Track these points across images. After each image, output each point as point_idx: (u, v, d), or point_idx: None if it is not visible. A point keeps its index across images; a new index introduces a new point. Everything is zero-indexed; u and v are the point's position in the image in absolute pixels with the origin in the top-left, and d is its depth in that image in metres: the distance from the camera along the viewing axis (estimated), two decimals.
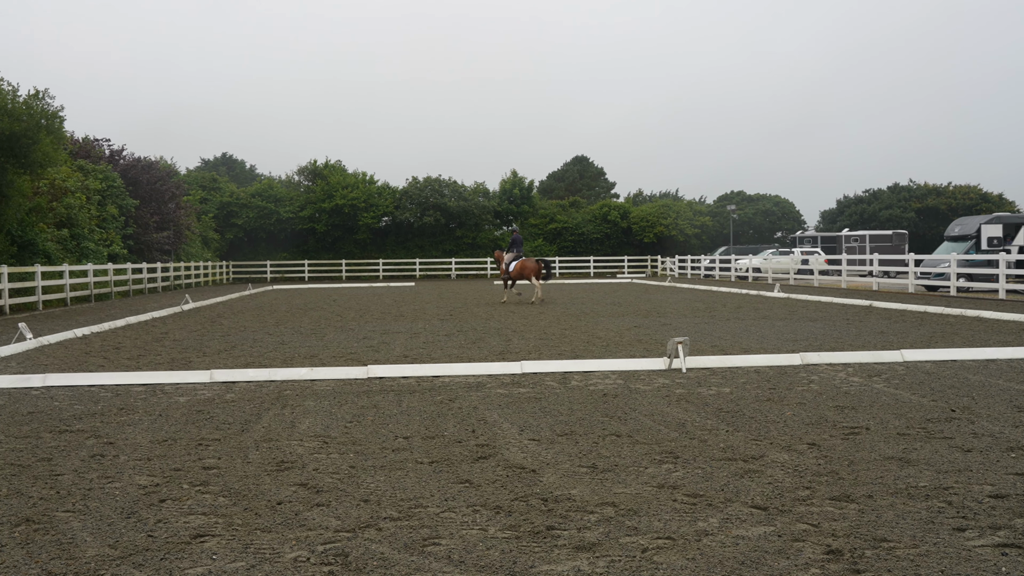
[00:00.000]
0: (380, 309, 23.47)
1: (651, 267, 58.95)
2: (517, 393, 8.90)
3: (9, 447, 6.71)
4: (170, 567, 4.08)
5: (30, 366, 11.66)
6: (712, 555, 4.13)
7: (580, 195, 74.54)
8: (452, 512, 4.88)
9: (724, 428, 7.05)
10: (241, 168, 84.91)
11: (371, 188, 59.45)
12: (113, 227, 36.55)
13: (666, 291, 32.29)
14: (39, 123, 24.29)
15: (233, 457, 6.28)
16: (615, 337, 14.53)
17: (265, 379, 10.05)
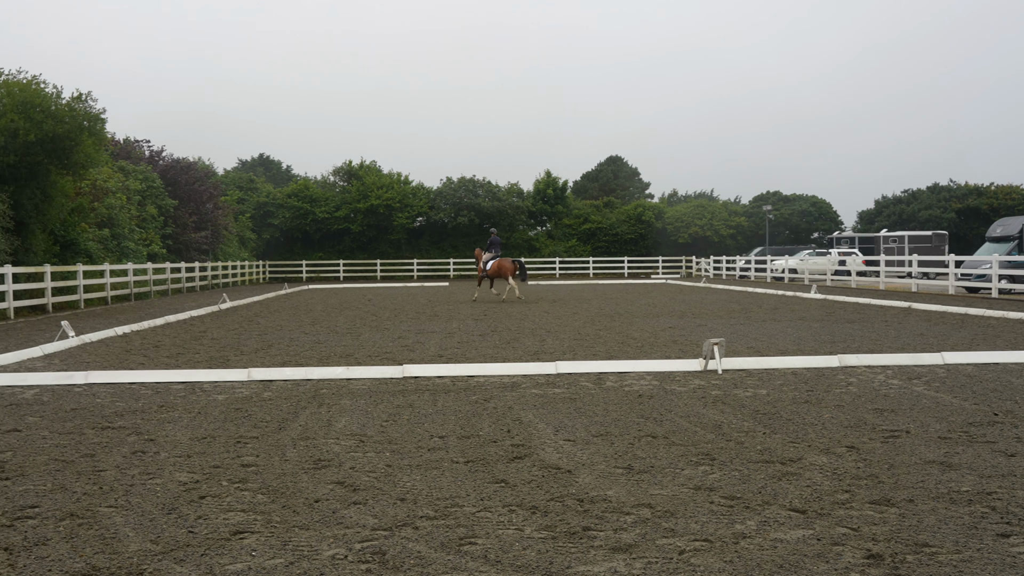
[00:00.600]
0: (415, 309, 23.58)
1: (686, 268, 58.62)
2: (552, 393, 8.90)
3: (53, 443, 6.84)
4: (210, 563, 4.13)
5: (73, 363, 11.87)
6: (750, 558, 4.10)
7: (614, 195, 74.29)
8: (488, 512, 4.89)
9: (761, 430, 7.00)
10: (278, 169, 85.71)
11: (406, 188, 59.74)
12: (152, 227, 37.08)
13: (701, 292, 32.09)
14: (81, 125, 24.69)
15: (271, 455, 6.35)
16: (650, 338, 14.47)
17: (302, 378, 10.14)
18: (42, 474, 5.85)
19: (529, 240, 61.35)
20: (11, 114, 23.08)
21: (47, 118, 23.55)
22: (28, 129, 23.13)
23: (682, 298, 27.69)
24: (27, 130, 23.12)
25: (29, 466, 6.08)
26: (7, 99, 23.42)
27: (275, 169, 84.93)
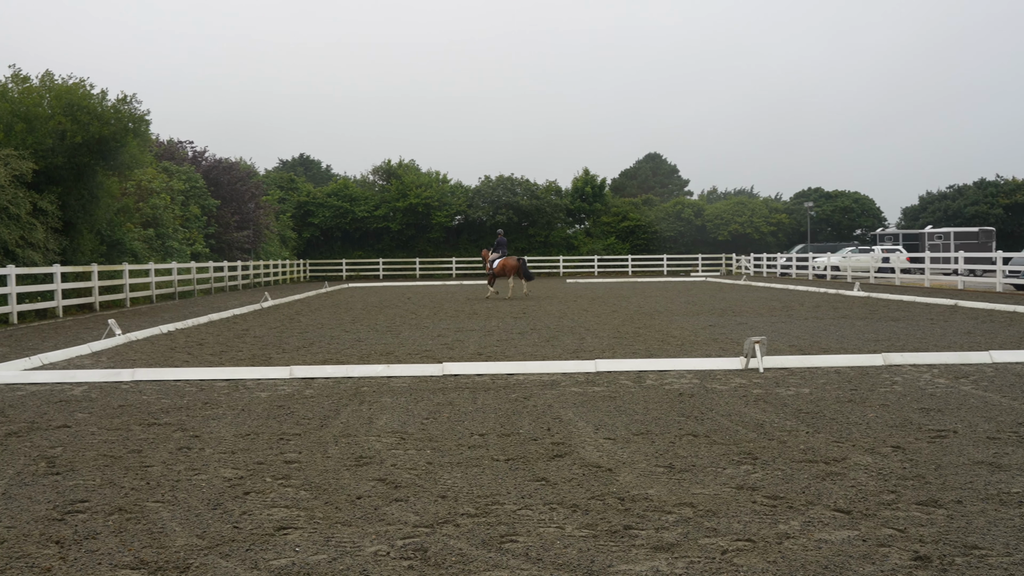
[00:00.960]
0: (454, 307, 23.66)
1: (726, 265, 58.13)
2: (592, 392, 8.88)
3: (102, 439, 6.97)
4: (255, 558, 4.18)
5: (120, 361, 12.09)
6: (794, 558, 4.06)
7: (653, 193, 73.89)
8: (529, 510, 4.89)
9: (804, 429, 6.92)
10: (317, 168, 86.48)
11: (444, 187, 59.97)
12: (196, 226, 37.63)
13: (741, 289, 31.80)
14: (127, 126, 25.13)
15: (313, 452, 6.41)
16: (690, 336, 14.38)
17: (343, 375, 10.23)
18: (91, 469, 5.97)
19: (567, 238, 61.24)
20: (59, 116, 23.55)
21: (93, 120, 24.00)
22: (75, 131, 23.59)
23: (722, 296, 27.46)
24: (74, 132, 23.58)
25: (79, 461, 6.20)
26: (55, 102, 23.90)
27: (315, 169, 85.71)
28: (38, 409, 8.36)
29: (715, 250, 60.80)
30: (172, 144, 42.78)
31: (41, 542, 4.45)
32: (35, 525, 4.73)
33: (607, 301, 25.48)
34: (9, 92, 24.10)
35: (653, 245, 61.12)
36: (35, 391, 9.49)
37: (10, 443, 6.84)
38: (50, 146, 23.41)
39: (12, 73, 24.63)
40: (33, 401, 8.83)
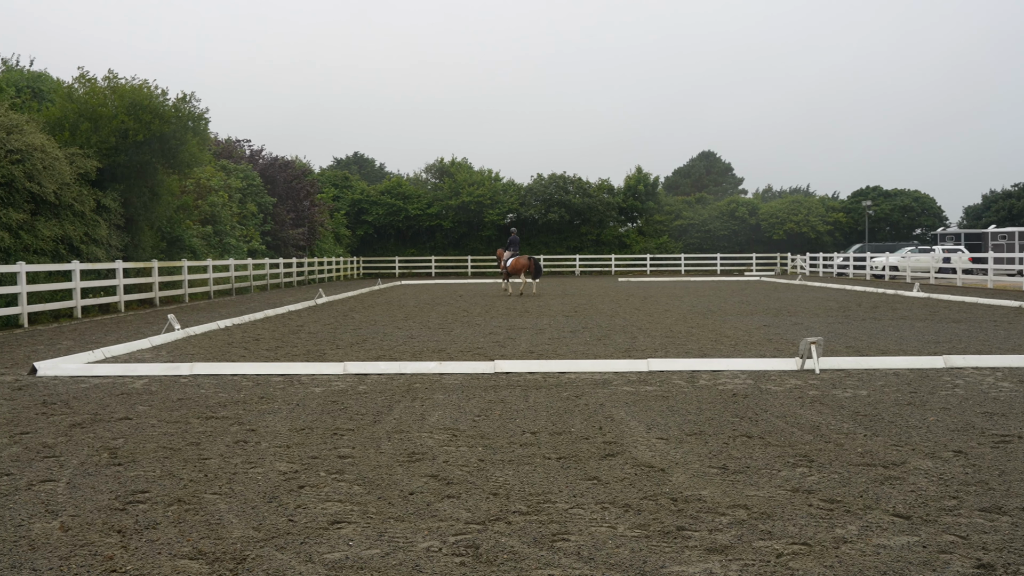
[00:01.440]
0: (505, 305, 23.70)
1: (780, 265, 57.31)
2: (644, 391, 8.83)
3: (162, 431, 7.12)
4: (309, 551, 4.24)
5: (179, 355, 12.34)
6: (851, 563, 3.98)
7: (706, 191, 73.17)
8: (581, 508, 4.88)
9: (861, 432, 6.79)
10: (371, 166, 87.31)
11: (496, 185, 60.09)
12: (252, 224, 38.25)
13: (796, 289, 31.32)
14: (186, 125, 25.62)
15: (366, 447, 6.47)
16: (744, 336, 14.20)
17: (396, 372, 10.31)
18: (151, 461, 6.10)
19: (619, 236, 60.92)
20: (122, 116, 24.11)
21: (155, 119, 24.52)
22: (137, 130, 24.13)
23: (777, 296, 27.08)
24: (136, 131, 24.12)
25: (139, 453, 6.35)
26: (119, 101, 24.47)
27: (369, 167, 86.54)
28: (101, 401, 8.58)
29: (770, 249, 59.99)
30: (230, 143, 43.54)
31: (104, 531, 4.56)
32: (98, 514, 4.85)
33: (659, 300, 25.30)
34: (76, 92, 24.74)
35: (706, 244, 60.52)
36: (98, 383, 9.73)
37: (74, 434, 7.03)
38: (113, 144, 23.99)
39: (79, 74, 25.29)
40: (96, 393, 9.06)
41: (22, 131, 20.37)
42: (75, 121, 24.04)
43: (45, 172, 20.38)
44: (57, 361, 11.10)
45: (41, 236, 20.40)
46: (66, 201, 21.46)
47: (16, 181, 19.59)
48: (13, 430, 7.20)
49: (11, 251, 19.28)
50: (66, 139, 23.27)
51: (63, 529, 4.60)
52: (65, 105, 24.36)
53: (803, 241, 59.97)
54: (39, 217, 20.65)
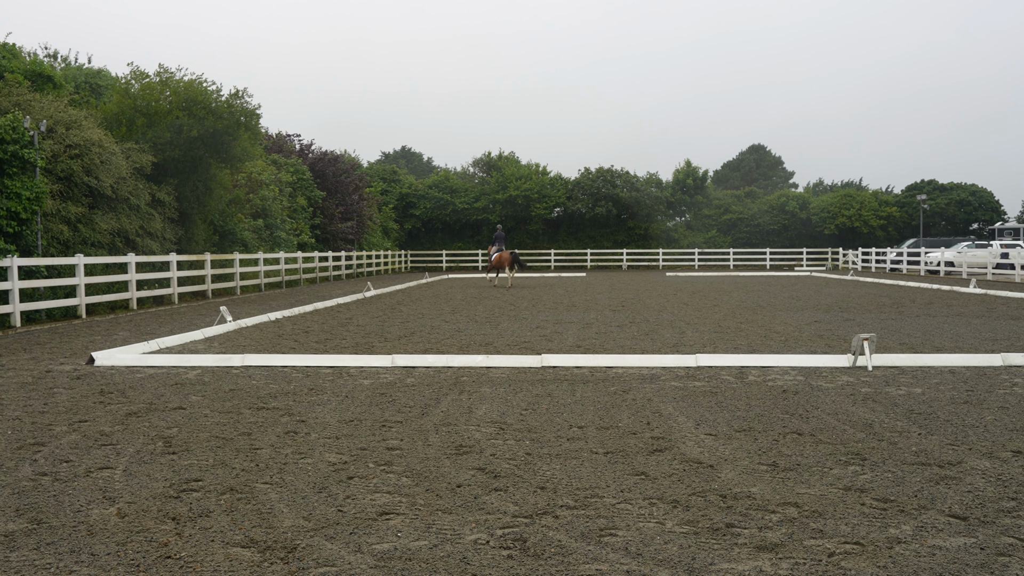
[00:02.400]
0: (552, 299, 23.68)
1: (832, 260, 56.41)
2: (692, 386, 8.76)
3: (214, 421, 7.25)
4: (359, 541, 4.28)
5: (230, 346, 12.54)
6: (905, 564, 3.91)
7: (756, 185, 72.28)
8: (628, 504, 4.86)
9: (916, 431, 6.66)
10: (419, 160, 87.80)
11: (544, 179, 60.00)
12: (302, 217, 38.70)
13: (848, 285, 30.81)
14: (239, 120, 26.02)
15: (414, 439, 6.52)
16: (794, 332, 14.01)
17: (443, 365, 10.36)
18: (204, 450, 6.21)
19: (667, 231, 60.48)
20: (176, 111, 24.55)
21: (208, 114, 24.93)
22: (191, 125, 24.57)
23: (828, 291, 26.66)
24: (190, 126, 24.56)
25: (193, 442, 6.47)
26: (173, 97, 24.93)
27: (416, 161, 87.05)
28: (156, 391, 8.76)
29: (820, 244, 59.08)
30: (280, 137, 44.06)
31: (159, 518, 4.66)
32: (153, 501, 4.95)
33: (708, 295, 25.08)
34: (131, 88, 25.24)
35: (755, 239, 59.80)
36: (153, 374, 9.94)
37: (130, 423, 7.18)
38: (168, 139, 24.45)
39: (131, 71, 25.79)
40: (151, 383, 9.25)
41: (81, 126, 20.85)
42: (131, 116, 24.55)
43: (102, 167, 20.85)
44: (113, 351, 11.35)
45: (98, 229, 20.88)
46: (122, 195, 21.93)
47: (75, 175, 20.07)
48: (72, 418, 7.39)
49: (70, 244, 19.76)
50: (123, 134, 23.78)
51: (120, 515, 4.70)
52: (122, 101, 24.89)
53: (855, 236, 58.96)
54: (96, 211, 21.14)
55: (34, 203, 17.46)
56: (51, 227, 19.10)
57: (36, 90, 23.03)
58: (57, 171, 19.68)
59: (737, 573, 3.83)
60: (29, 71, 24.37)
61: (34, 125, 18.26)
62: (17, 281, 15.85)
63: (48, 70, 25.39)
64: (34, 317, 17.20)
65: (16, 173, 17.35)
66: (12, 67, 23.86)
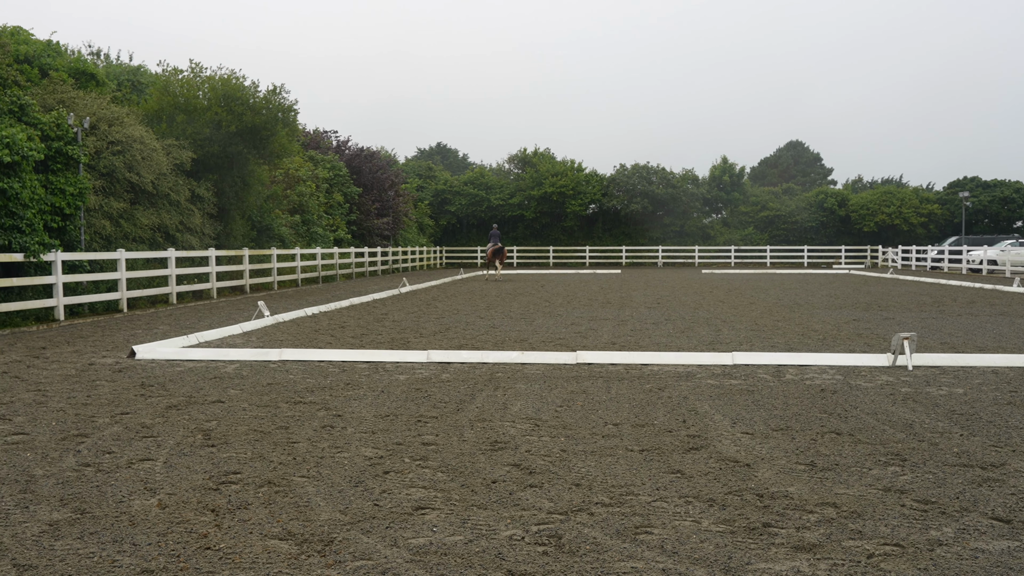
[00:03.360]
0: (587, 296, 23.63)
1: (871, 258, 55.67)
2: (728, 385, 8.69)
3: (252, 414, 7.33)
4: (395, 536, 4.31)
5: (268, 341, 12.67)
6: (947, 567, 3.85)
7: (794, 182, 71.50)
8: (664, 502, 4.84)
9: (957, 431, 6.55)
10: (454, 157, 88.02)
11: (579, 176, 59.87)
12: (338, 213, 38.98)
13: (888, 283, 30.38)
14: (276, 116, 26.26)
15: (450, 435, 6.54)
16: (832, 330, 13.85)
17: (478, 361, 10.38)
18: (243, 443, 6.29)
19: (704, 228, 60.07)
20: (215, 107, 24.84)
21: (246, 110, 25.19)
22: (230, 121, 24.83)
23: (867, 289, 26.32)
24: (229, 122, 24.82)
25: (232, 435, 6.55)
26: (212, 93, 25.22)
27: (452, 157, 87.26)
28: (195, 384, 8.88)
29: (859, 242, 58.33)
30: (317, 133, 44.41)
31: (199, 509, 4.72)
32: (193, 493, 5.02)
33: (744, 293, 24.87)
34: (172, 86, 25.57)
35: (793, 236, 59.20)
36: (192, 367, 10.07)
37: (171, 415, 7.29)
38: (207, 135, 24.73)
39: (174, 68, 26.14)
40: (191, 377, 9.38)
41: (122, 123, 21.17)
42: (171, 113, 24.87)
43: (143, 163, 21.15)
44: (154, 345, 11.52)
45: (139, 224, 21.19)
46: (163, 191, 22.23)
47: (117, 171, 20.38)
48: (114, 410, 7.51)
49: (112, 239, 20.08)
50: (163, 130, 24.09)
51: (160, 506, 4.78)
52: (162, 98, 25.22)
53: (895, 233, 58.13)
54: (137, 206, 21.45)
55: (77, 199, 17.77)
56: (93, 222, 19.43)
57: (80, 87, 23.41)
58: (100, 167, 20.00)
59: (774, 573, 3.80)
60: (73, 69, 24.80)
61: (78, 122, 18.57)
62: (61, 275, 16.15)
63: (91, 68, 25.82)
64: (77, 311, 17.52)
65: (60, 169, 17.66)
66: (57, 65, 24.29)
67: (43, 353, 11.45)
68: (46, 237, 16.22)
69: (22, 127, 16.13)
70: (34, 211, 16.04)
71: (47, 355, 11.26)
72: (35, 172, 16.78)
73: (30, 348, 12.01)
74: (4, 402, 7.94)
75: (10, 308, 14.93)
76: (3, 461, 5.80)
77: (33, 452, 6.04)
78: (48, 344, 12.50)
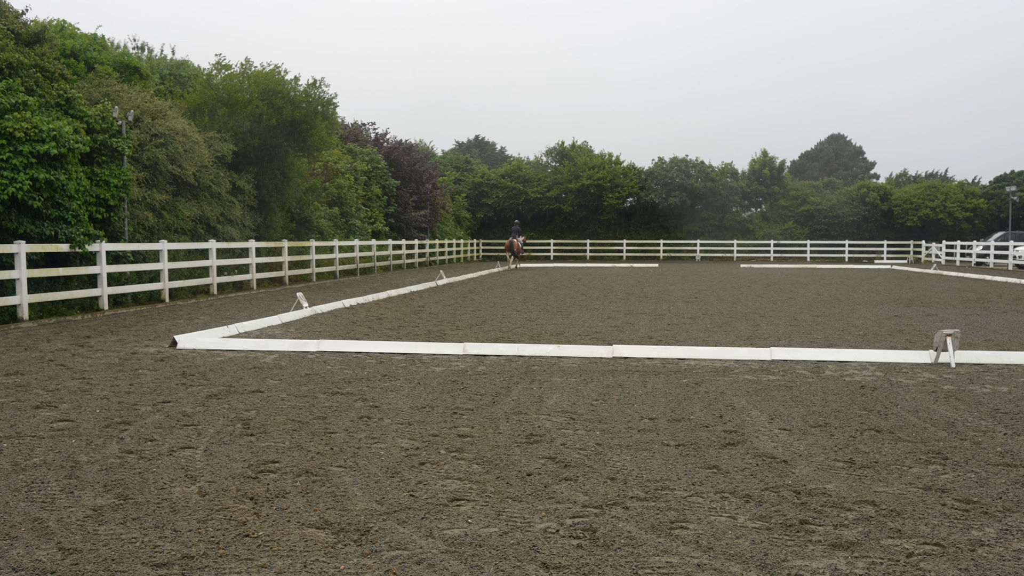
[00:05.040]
0: (624, 290, 23.54)
1: (914, 253, 54.78)
2: (766, 380, 8.62)
3: (290, 404, 7.42)
4: (430, 526, 4.34)
5: (306, 332, 12.80)
6: (988, 568, 3.79)
7: (835, 175, 70.55)
8: (699, 497, 4.81)
9: (1001, 430, 6.44)
10: (492, 150, 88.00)
11: (616, 169, 59.58)
12: (376, 205, 39.21)
13: (931, 279, 29.89)
14: (316, 110, 26.47)
15: (485, 427, 6.57)
16: (873, 326, 13.66)
17: (514, 354, 10.40)
18: (281, 433, 6.36)
19: (742, 222, 59.49)
20: (256, 101, 25.10)
21: (287, 104, 25.42)
22: (270, 114, 25.08)
23: (909, 285, 25.91)
24: (269, 115, 25.07)
25: (270, 425, 6.63)
26: (253, 87, 25.48)
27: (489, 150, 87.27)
28: (235, 374, 9.00)
29: (902, 237, 57.42)
30: (356, 126, 44.67)
31: (238, 497, 4.79)
32: (232, 481, 5.10)
33: (783, 287, 24.62)
34: (214, 79, 25.89)
35: (834, 231, 58.42)
36: (232, 357, 10.21)
37: (211, 404, 7.40)
38: (248, 128, 25.01)
39: (216, 62, 26.46)
40: (231, 367, 9.51)
41: (165, 116, 21.48)
42: (213, 106, 25.18)
43: (186, 155, 21.45)
44: (195, 335, 11.69)
45: (181, 216, 21.51)
46: (204, 183, 22.53)
47: (160, 163, 20.70)
48: (156, 399, 7.64)
49: (154, 230, 20.40)
50: (205, 123, 24.41)
51: (201, 494, 4.86)
52: (204, 91, 25.55)
53: (939, 228, 57.13)
54: (179, 198, 21.77)
55: (121, 190, 18.06)
56: (137, 214, 19.75)
57: (124, 81, 23.80)
58: (143, 159, 20.32)
59: (811, 571, 3.76)
60: (117, 62, 25.20)
61: (122, 115, 18.88)
62: (105, 266, 16.44)
63: (135, 61, 26.22)
64: (120, 300, 17.83)
65: (105, 161, 17.97)
66: (102, 59, 24.70)
67: (87, 342, 11.67)
68: (91, 228, 16.51)
69: (68, 120, 16.43)
70: (80, 202, 16.34)
71: (91, 344, 11.47)
72: (80, 164, 17.08)
73: (75, 337, 12.25)
74: (50, 389, 8.12)
75: (56, 297, 15.24)
76: (49, 447, 5.93)
77: (78, 439, 6.17)
78: (92, 333, 12.74)
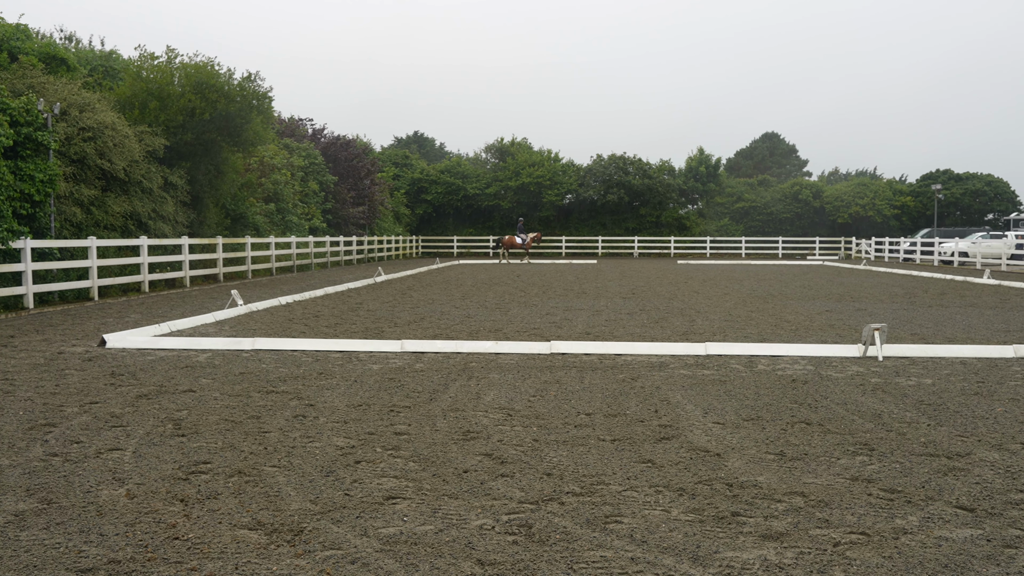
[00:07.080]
0: (562, 286, 23.66)
1: (844, 249, 56.16)
2: (701, 375, 8.74)
3: (223, 404, 7.29)
4: (365, 525, 4.30)
5: (241, 330, 12.59)
6: (911, 555, 3.90)
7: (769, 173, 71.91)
8: (634, 491, 4.86)
9: (925, 421, 6.63)
10: (431, 146, 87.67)
11: (556, 166, 59.86)
12: (314, 202, 38.73)
13: (861, 275, 30.67)
14: (251, 104, 26.00)
15: (422, 425, 6.54)
16: (805, 321, 13.96)
17: (452, 351, 10.37)
18: (213, 433, 6.25)
19: (679, 218, 60.25)
20: (189, 94, 24.56)
21: (221, 97, 24.93)
22: (204, 108, 24.57)
23: (840, 281, 26.55)
24: (203, 109, 24.56)
25: (202, 424, 6.50)
26: (185, 80, 24.94)
27: (429, 147, 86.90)
28: (166, 374, 8.80)
29: (834, 233, 58.83)
30: (293, 121, 44.07)
31: (167, 499, 4.69)
32: (162, 483, 4.99)
33: (719, 283, 25.02)
34: (143, 72, 25.27)
35: (768, 227, 59.57)
36: (164, 356, 9.99)
37: (140, 405, 7.23)
38: (180, 123, 24.47)
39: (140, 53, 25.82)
40: (162, 366, 9.30)
41: (94, 109, 20.89)
42: (144, 100, 24.57)
43: (115, 149, 20.90)
44: (125, 334, 11.41)
45: (111, 212, 20.95)
46: (135, 178, 21.99)
47: (88, 158, 20.13)
48: (83, 400, 7.44)
49: (83, 226, 19.84)
50: (135, 117, 23.81)
51: (129, 496, 4.74)
52: (135, 84, 24.91)
53: (869, 225, 58.66)
54: (109, 193, 21.20)
55: (47, 185, 17.52)
56: (64, 209, 19.18)
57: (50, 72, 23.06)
58: (70, 154, 19.74)
59: (741, 561, 3.83)
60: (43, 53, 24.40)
61: (48, 107, 18.30)
62: (30, 263, 15.94)
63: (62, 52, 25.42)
64: (47, 299, 17.31)
65: (30, 155, 17.41)
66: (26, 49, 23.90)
67: (11, 342, 11.31)
68: (15, 224, 15.99)
69: None
70: (3, 198, 15.81)
71: (15, 344, 11.12)
72: (3, 158, 16.53)
73: None
74: None
75: None
76: None
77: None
78: (16, 332, 12.34)
